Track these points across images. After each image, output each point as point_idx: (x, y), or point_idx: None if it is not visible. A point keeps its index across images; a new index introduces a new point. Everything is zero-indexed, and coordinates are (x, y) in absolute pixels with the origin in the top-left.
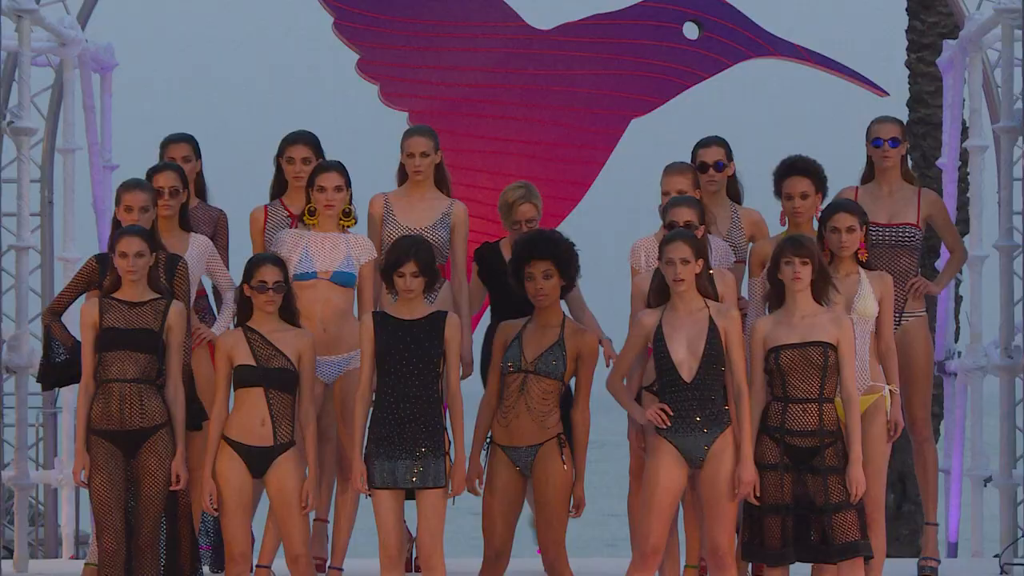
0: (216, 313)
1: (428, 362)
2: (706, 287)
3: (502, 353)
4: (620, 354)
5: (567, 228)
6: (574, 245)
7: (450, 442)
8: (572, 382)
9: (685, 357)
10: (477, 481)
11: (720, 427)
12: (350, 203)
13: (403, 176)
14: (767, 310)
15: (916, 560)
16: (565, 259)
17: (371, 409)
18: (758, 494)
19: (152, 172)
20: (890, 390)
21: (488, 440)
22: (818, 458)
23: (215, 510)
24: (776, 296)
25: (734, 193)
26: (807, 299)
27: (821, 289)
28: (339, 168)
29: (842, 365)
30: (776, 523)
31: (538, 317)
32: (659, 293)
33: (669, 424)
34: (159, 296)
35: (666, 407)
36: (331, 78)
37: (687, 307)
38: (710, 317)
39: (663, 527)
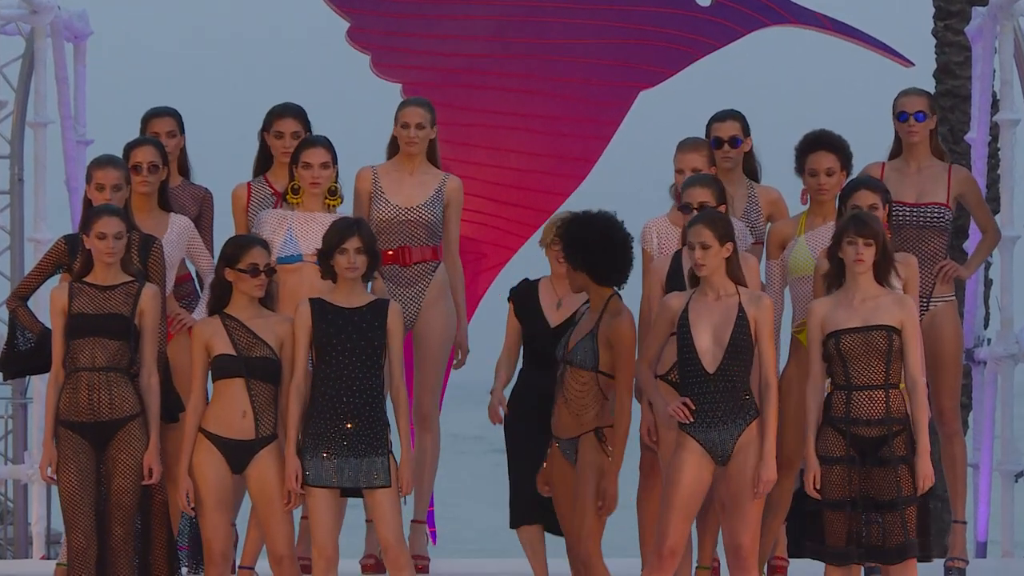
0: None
1: (371, 352)
2: (736, 272)
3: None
4: (647, 341)
5: (570, 208)
6: (606, 234)
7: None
8: None
9: (709, 346)
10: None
11: (746, 420)
12: (336, 181)
13: (393, 149)
14: (827, 290)
15: (943, 561)
16: (569, 248)
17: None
18: (818, 487)
19: (129, 147)
20: None
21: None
22: (886, 448)
23: (192, 509)
24: (836, 276)
25: (751, 170)
26: (869, 281)
27: (884, 271)
28: (325, 143)
29: (907, 349)
30: (840, 519)
31: (590, 303)
32: (693, 276)
33: (692, 420)
34: (131, 279)
35: (688, 402)
36: (320, 48)
37: (716, 293)
38: (740, 304)
39: (683, 528)
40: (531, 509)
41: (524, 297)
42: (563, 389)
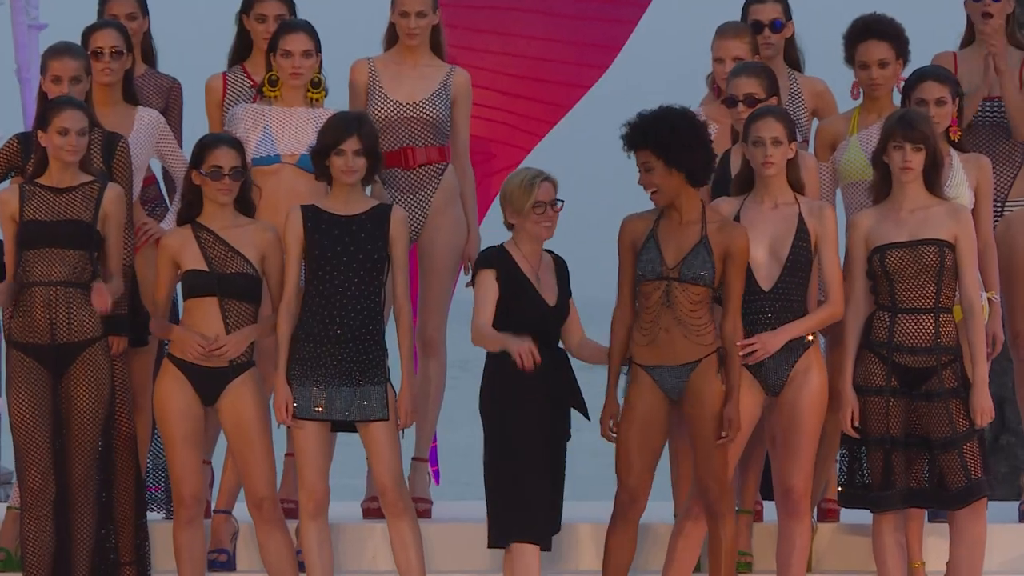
0: (169, 204)
1: (371, 267)
2: (797, 176)
3: (631, 256)
4: None
5: (590, 104)
6: (700, 127)
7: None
8: None
9: (765, 260)
10: (612, 421)
11: (803, 345)
12: (320, 72)
13: (391, 39)
14: (874, 200)
15: (1017, 503)
16: (666, 146)
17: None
18: (857, 424)
19: (88, 31)
20: (988, 298)
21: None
22: (935, 379)
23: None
24: (882, 185)
25: (793, 59)
26: (919, 190)
27: (934, 179)
28: (307, 28)
29: (962, 267)
30: (879, 458)
31: (671, 212)
32: (742, 180)
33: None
34: (91, 179)
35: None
36: None
37: (774, 200)
38: (800, 215)
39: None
40: (547, 526)
41: (508, 268)
42: (672, 309)
